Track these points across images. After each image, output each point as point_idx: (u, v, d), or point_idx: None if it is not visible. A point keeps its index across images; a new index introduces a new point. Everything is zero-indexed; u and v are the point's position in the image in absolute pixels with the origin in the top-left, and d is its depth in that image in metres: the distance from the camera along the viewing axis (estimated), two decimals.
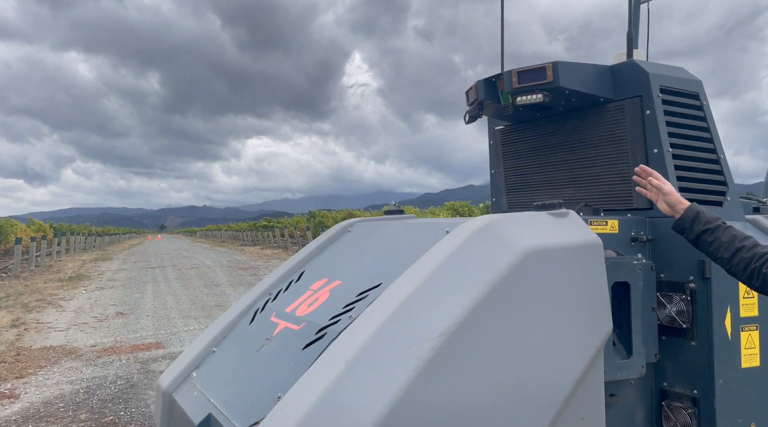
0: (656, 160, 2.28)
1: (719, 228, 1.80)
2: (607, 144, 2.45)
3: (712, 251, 1.80)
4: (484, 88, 2.61)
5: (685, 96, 2.37)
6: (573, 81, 2.35)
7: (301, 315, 2.06)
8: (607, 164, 2.46)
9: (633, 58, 2.38)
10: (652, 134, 2.29)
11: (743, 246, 1.72)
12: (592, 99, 2.43)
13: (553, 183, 2.74)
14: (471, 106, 2.75)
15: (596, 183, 2.52)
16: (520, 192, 2.96)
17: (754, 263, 1.68)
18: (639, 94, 2.32)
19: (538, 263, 1.71)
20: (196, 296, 12.77)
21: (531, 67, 2.39)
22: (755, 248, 1.71)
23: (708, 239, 1.80)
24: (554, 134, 2.70)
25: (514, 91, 2.45)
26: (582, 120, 2.55)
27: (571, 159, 2.63)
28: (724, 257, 1.76)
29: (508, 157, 3.00)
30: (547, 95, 2.34)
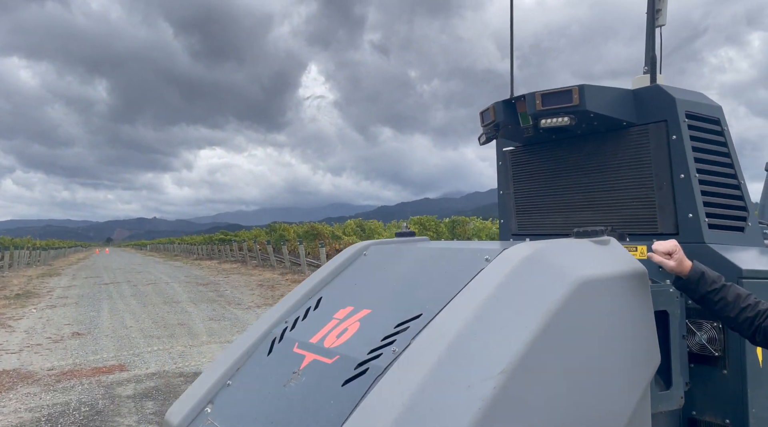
0: (683, 185, 2.29)
1: (724, 288, 1.82)
2: (629, 168, 2.45)
3: (718, 310, 1.82)
4: (503, 109, 2.57)
5: (708, 121, 2.39)
6: (598, 104, 2.34)
7: (331, 347, 1.95)
8: (630, 188, 2.46)
9: (658, 83, 2.39)
10: (678, 159, 2.30)
11: (748, 305, 1.78)
12: (615, 122, 2.43)
13: (568, 206, 2.73)
14: (486, 127, 2.72)
15: (617, 207, 2.51)
16: (532, 214, 2.93)
17: (758, 321, 1.75)
18: (664, 119, 2.33)
19: (591, 294, 1.66)
20: (156, 313, 12.28)
21: (556, 90, 2.37)
22: (758, 305, 1.78)
23: (714, 299, 1.82)
24: (570, 157, 2.69)
25: (537, 114, 2.42)
26: (602, 143, 2.54)
27: (589, 182, 2.62)
28: (730, 316, 1.80)
29: (519, 179, 2.97)
30: (574, 118, 2.32)
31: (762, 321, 1.74)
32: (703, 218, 2.25)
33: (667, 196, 2.33)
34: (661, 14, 2.82)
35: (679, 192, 2.30)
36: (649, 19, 2.83)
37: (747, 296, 1.80)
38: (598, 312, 1.67)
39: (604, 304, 1.69)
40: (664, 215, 2.34)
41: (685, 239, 2.29)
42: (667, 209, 2.33)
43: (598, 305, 1.68)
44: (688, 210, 2.28)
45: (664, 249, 1.86)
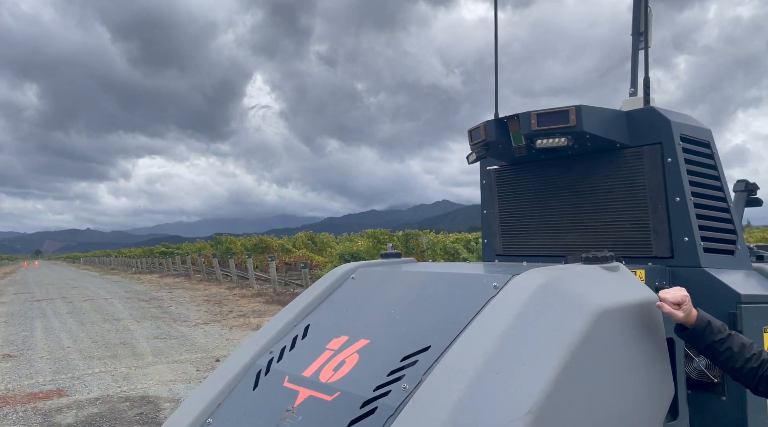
0: (678, 208, 2.29)
1: (730, 338, 1.80)
2: (623, 190, 2.43)
3: (723, 360, 1.80)
4: (494, 129, 2.52)
5: (700, 144, 2.41)
6: (594, 125, 2.32)
7: (328, 382, 1.81)
8: (623, 210, 2.44)
9: (651, 105, 2.39)
10: (673, 182, 2.29)
11: (752, 355, 1.77)
12: (608, 144, 2.41)
13: (557, 227, 2.69)
14: (476, 146, 2.65)
15: (610, 229, 2.49)
16: (518, 235, 2.88)
17: (762, 371, 1.75)
18: (659, 142, 2.33)
19: (609, 325, 1.60)
20: (96, 332, 11.62)
21: (552, 110, 2.33)
22: (761, 355, 1.78)
23: (720, 349, 1.78)
24: (560, 177, 2.66)
25: (532, 134, 2.38)
26: (593, 164, 2.52)
27: (580, 203, 2.59)
28: (735, 367, 1.78)
29: (504, 199, 2.93)
30: (571, 139, 2.29)
31: (765, 371, 1.73)
32: (699, 241, 2.26)
33: (662, 219, 2.32)
34: (645, 37, 2.85)
35: (675, 215, 2.29)
36: (634, 41, 2.86)
37: (750, 346, 1.79)
38: (616, 344, 1.61)
39: (621, 335, 1.63)
40: (659, 238, 2.33)
41: (680, 263, 2.29)
42: (661, 232, 2.33)
43: (617, 336, 1.62)
44: (683, 233, 2.28)
45: (673, 299, 1.77)
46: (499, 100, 2.84)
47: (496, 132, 2.52)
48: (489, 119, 2.58)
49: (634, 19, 2.84)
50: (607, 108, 2.40)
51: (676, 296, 1.77)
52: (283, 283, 21.74)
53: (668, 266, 2.31)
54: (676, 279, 2.29)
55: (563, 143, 2.30)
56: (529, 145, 2.49)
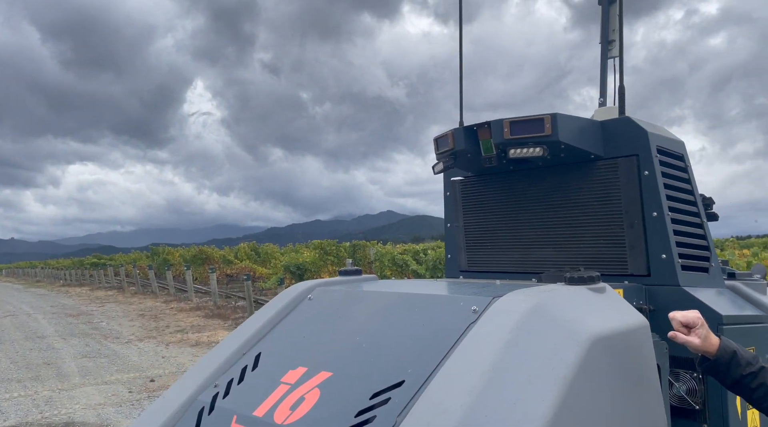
0: (655, 224, 2.19)
1: (763, 371, 1.56)
2: (597, 204, 2.32)
3: (757, 399, 1.56)
4: (463, 137, 2.36)
5: (675, 157, 2.33)
6: (570, 135, 2.19)
7: (284, 424, 1.57)
8: (598, 225, 2.33)
9: (627, 115, 2.29)
10: (650, 196, 2.20)
11: None
12: (583, 155, 2.30)
13: (526, 242, 2.56)
14: (442, 155, 2.49)
15: (583, 245, 2.37)
16: (484, 250, 2.73)
17: None
18: (636, 154, 2.23)
19: (603, 354, 1.45)
20: (16, 352, 10.77)
21: (526, 118, 2.19)
22: None
23: (752, 385, 1.54)
24: (530, 189, 2.53)
25: (504, 143, 2.23)
26: (566, 176, 2.40)
27: (551, 217, 2.47)
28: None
29: (470, 212, 2.77)
30: (546, 149, 2.16)
31: None
32: (677, 258, 2.16)
33: (639, 234, 2.22)
34: (614, 45, 2.77)
35: (651, 231, 2.19)
36: (603, 51, 2.78)
37: None
38: (610, 374, 1.46)
39: (616, 364, 1.49)
40: (635, 254, 2.23)
41: (657, 281, 2.19)
42: (638, 249, 2.22)
43: (611, 366, 1.47)
44: (660, 250, 2.18)
45: (683, 319, 1.58)
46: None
47: (465, 140, 2.36)
48: (457, 127, 2.42)
49: (603, 27, 2.76)
50: (581, 117, 2.29)
51: (687, 316, 1.58)
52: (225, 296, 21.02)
53: (645, 284, 2.20)
54: (653, 298, 2.18)
55: (538, 154, 2.16)
56: (500, 155, 2.34)
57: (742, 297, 2.39)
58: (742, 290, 2.41)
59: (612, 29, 2.76)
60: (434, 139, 2.55)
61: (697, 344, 1.57)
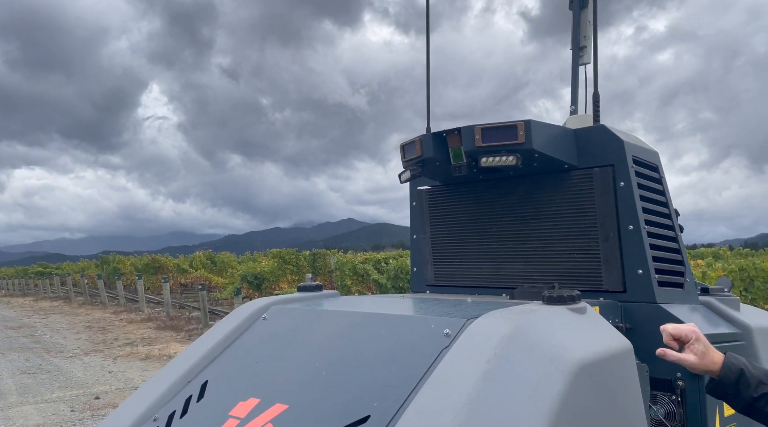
0: (631, 237, 2.10)
1: None
2: (570, 216, 2.22)
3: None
4: (431, 144, 2.23)
5: (650, 168, 2.25)
6: (544, 143, 2.09)
7: None
8: (571, 239, 2.22)
9: (602, 124, 2.20)
10: (626, 209, 2.10)
11: None
12: (556, 164, 2.19)
13: (497, 255, 2.44)
14: (409, 163, 2.35)
15: (556, 259, 2.26)
16: (452, 263, 2.60)
17: None
18: (611, 164, 2.13)
19: (589, 382, 1.33)
20: None
21: (499, 124, 2.07)
22: None
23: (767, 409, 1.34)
24: (500, 200, 2.41)
25: (476, 151, 2.11)
26: (538, 186, 2.30)
27: (522, 230, 2.35)
28: None
29: (438, 223, 2.64)
30: (519, 158, 2.04)
31: None
32: (653, 274, 2.07)
33: (614, 249, 2.12)
34: (586, 52, 2.70)
35: (627, 245, 2.10)
36: (574, 57, 2.70)
37: None
38: (596, 404, 1.34)
39: (601, 393, 1.36)
40: (610, 269, 2.13)
41: (633, 298, 2.10)
42: (613, 264, 2.13)
43: (597, 395, 1.35)
44: (636, 265, 2.09)
45: (675, 332, 1.40)
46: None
47: (434, 148, 2.23)
48: (426, 133, 2.29)
49: (574, 33, 2.68)
50: (555, 125, 2.19)
51: (680, 329, 1.39)
52: (178, 306, 20.38)
53: (620, 301, 2.11)
54: (629, 316, 2.09)
55: (511, 162, 2.04)
56: (471, 164, 2.22)
57: (717, 314, 2.33)
58: (716, 306, 2.35)
59: (584, 35, 2.68)
60: (400, 146, 2.41)
61: (694, 362, 1.38)
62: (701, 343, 1.43)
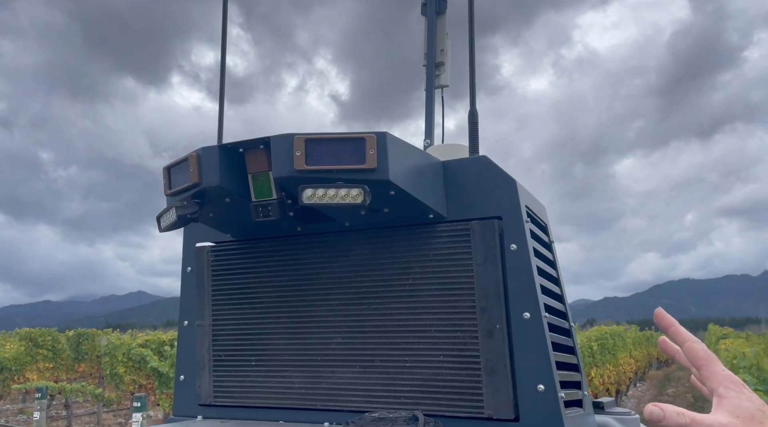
0: (527, 331, 1.38)
1: None
2: (433, 296, 1.45)
3: None
4: (219, 165, 1.35)
5: (541, 228, 1.61)
6: (405, 175, 1.33)
7: None
8: (434, 332, 1.45)
9: (484, 155, 1.51)
10: (519, 285, 1.40)
11: None
12: (416, 212, 1.45)
13: (319, 358, 1.57)
14: (179, 198, 1.43)
15: (410, 366, 1.47)
16: (246, 369, 1.66)
17: None
18: (497, 216, 1.44)
19: None
20: None
21: (334, 136, 1.27)
22: None
23: None
24: (324, 269, 1.58)
25: (295, 178, 1.28)
26: (383, 248, 1.52)
27: (360, 317, 1.53)
28: None
29: (226, 303, 1.70)
30: (367, 194, 1.24)
31: None
32: (559, 388, 1.37)
33: (501, 349, 1.38)
34: (443, 70, 2.08)
35: (522, 343, 1.39)
36: (429, 76, 2.06)
37: None
38: None
39: None
40: (496, 384, 1.38)
41: None
42: (500, 374, 1.38)
43: None
44: (536, 376, 1.37)
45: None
46: None
47: (223, 171, 1.35)
48: (209, 145, 1.39)
49: (429, 46, 2.05)
50: (415, 146, 1.46)
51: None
52: None
53: None
54: None
55: (355, 200, 1.24)
56: (283, 202, 1.37)
57: None
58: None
59: (440, 49, 2.07)
60: (165, 169, 1.47)
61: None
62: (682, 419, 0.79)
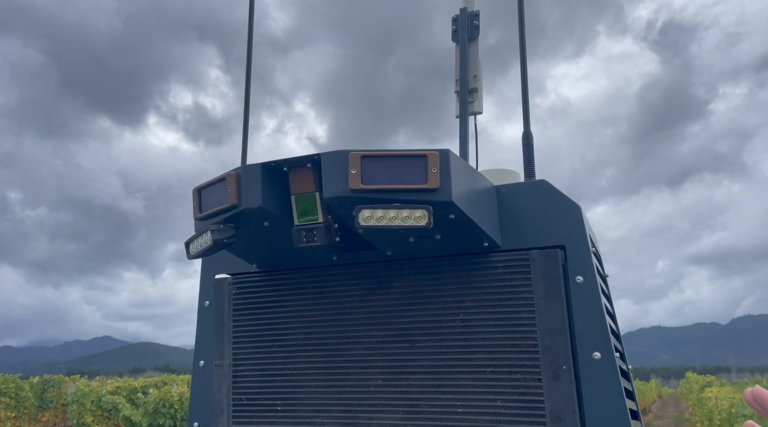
0: (597, 373, 1.28)
1: None
2: (487, 334, 1.34)
3: None
4: (260, 182, 1.24)
5: (598, 259, 1.52)
6: (464, 198, 1.23)
7: None
8: (489, 374, 1.33)
9: (544, 179, 1.43)
10: (588, 322, 1.30)
11: None
12: (472, 239, 1.35)
13: (356, 402, 1.43)
14: (211, 221, 1.31)
15: (461, 410, 1.34)
16: (273, 413, 1.51)
17: None
18: (561, 245, 1.35)
19: None
20: None
21: (392, 153, 1.18)
22: None
23: None
24: (364, 303, 1.46)
25: (347, 198, 1.17)
26: (433, 279, 1.41)
27: (404, 358, 1.41)
28: None
29: (250, 340, 1.56)
30: (431, 216, 1.15)
31: None
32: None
33: (568, 392, 1.27)
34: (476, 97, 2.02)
35: (591, 386, 1.27)
36: (462, 104, 2.00)
37: None
38: None
39: None
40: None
41: None
42: (568, 421, 1.26)
43: None
44: (607, 425, 1.25)
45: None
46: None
47: (265, 192, 1.24)
48: (249, 164, 1.28)
49: (462, 73, 1.99)
50: (475, 169, 1.37)
51: None
52: None
53: None
54: None
55: (418, 222, 1.13)
56: (330, 226, 1.26)
57: None
58: None
59: (473, 75, 2.01)
60: (196, 190, 1.36)
61: None
62: None
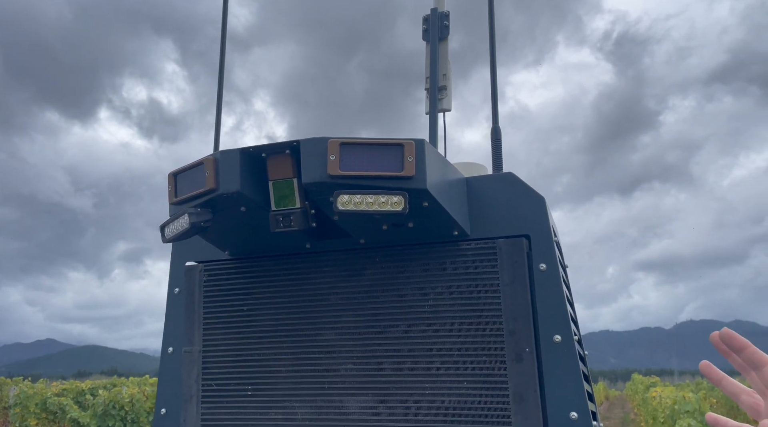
0: (558, 355, 1.36)
1: None
2: (456, 319, 1.41)
3: None
4: (239, 168, 1.28)
5: (559, 248, 1.60)
6: (438, 186, 1.30)
7: None
8: (456, 357, 1.40)
9: (510, 172, 1.50)
10: (549, 307, 1.38)
11: None
12: (443, 227, 1.41)
13: (325, 385, 1.48)
14: (186, 205, 1.34)
15: (429, 391, 1.40)
16: (241, 397, 1.54)
17: None
18: (525, 234, 1.42)
19: None
20: None
21: (372, 141, 1.24)
22: None
23: None
24: (335, 289, 1.51)
25: (326, 184, 1.22)
26: (402, 267, 1.47)
27: (374, 341, 1.46)
28: None
29: (220, 327, 1.59)
30: (407, 202, 1.21)
31: None
32: (592, 419, 1.34)
33: (530, 374, 1.35)
34: (446, 94, 2.09)
35: (552, 368, 1.36)
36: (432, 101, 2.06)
37: None
38: None
39: None
40: (525, 410, 1.34)
41: None
42: (530, 400, 1.34)
43: None
44: (569, 403, 1.34)
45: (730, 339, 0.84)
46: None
47: (243, 177, 1.28)
48: (227, 150, 1.31)
49: (432, 71, 2.06)
50: (447, 160, 1.44)
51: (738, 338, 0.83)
52: None
53: None
54: None
55: (395, 207, 1.19)
56: (306, 212, 1.31)
57: None
58: None
59: (443, 73, 2.08)
60: (171, 175, 1.38)
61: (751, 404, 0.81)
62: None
